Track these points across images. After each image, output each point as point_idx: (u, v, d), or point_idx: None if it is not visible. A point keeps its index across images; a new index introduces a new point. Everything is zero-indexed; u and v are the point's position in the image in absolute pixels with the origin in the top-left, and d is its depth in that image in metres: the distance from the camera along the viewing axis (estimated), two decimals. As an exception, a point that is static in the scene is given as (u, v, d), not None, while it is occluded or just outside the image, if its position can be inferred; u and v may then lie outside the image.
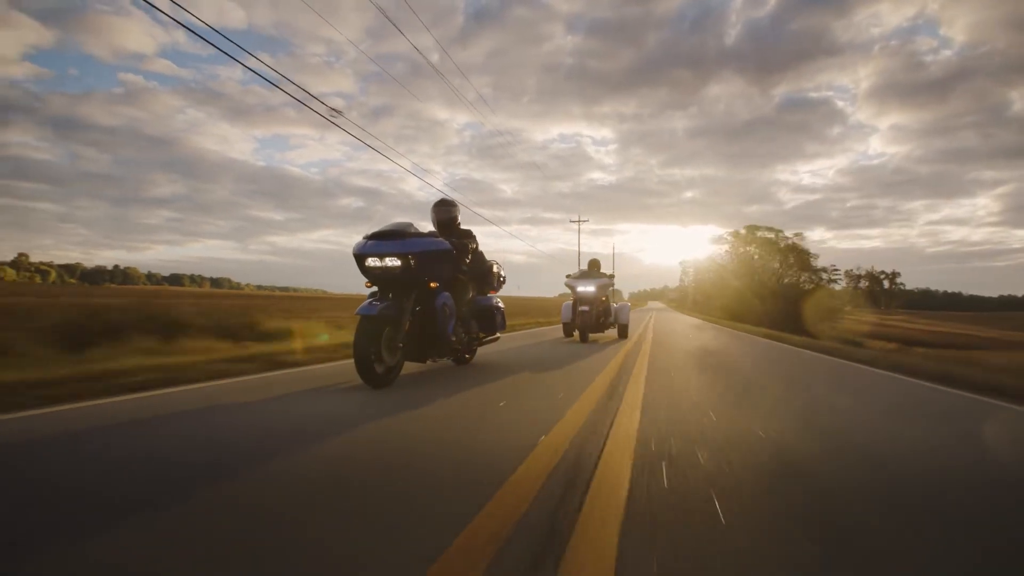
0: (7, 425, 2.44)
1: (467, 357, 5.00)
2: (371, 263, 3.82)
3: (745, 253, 37.37)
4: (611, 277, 9.04)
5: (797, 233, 36.84)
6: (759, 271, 35.90)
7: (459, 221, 4.84)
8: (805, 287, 34.72)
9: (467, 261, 4.72)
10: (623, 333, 9.25)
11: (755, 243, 37.33)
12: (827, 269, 34.88)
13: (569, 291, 8.78)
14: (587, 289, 8.42)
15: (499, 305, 5.31)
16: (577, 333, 8.44)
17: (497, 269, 5.33)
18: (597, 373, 4.53)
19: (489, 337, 5.23)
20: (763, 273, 35.78)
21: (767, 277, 35.53)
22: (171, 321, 6.22)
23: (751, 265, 36.52)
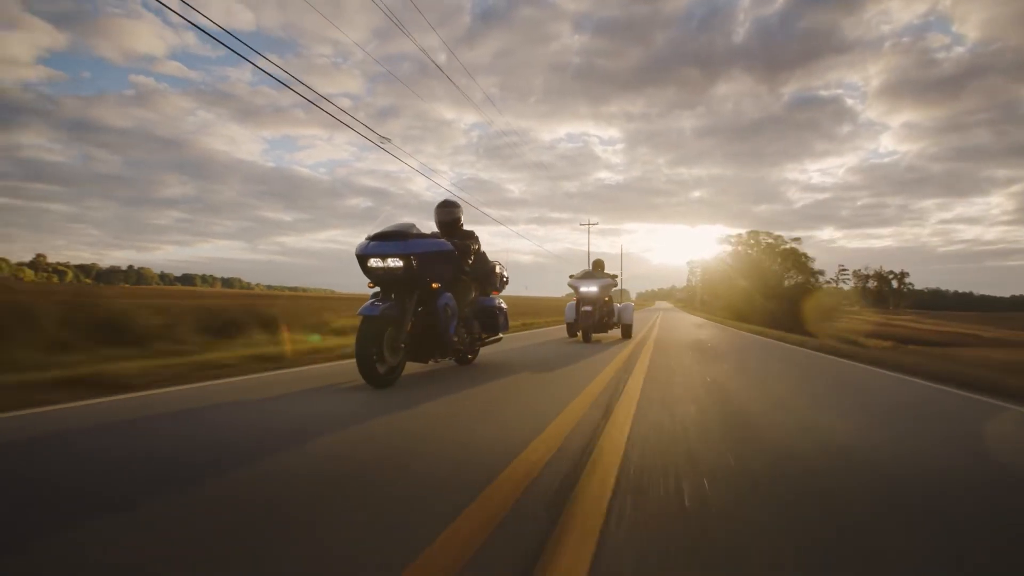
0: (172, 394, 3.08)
1: (469, 357, 4.95)
2: (373, 264, 3.78)
3: (748, 256, 38.15)
4: (614, 277, 8.98)
5: (795, 238, 38.75)
6: (764, 273, 36.34)
7: (462, 222, 4.79)
8: (808, 288, 35.48)
9: (469, 262, 4.68)
10: (627, 333, 9.19)
11: (757, 247, 38.56)
12: (823, 272, 36.82)
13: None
14: (590, 289, 8.35)
15: (501, 306, 5.26)
16: (580, 333, 8.38)
17: (500, 270, 5.28)
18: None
19: (492, 337, 5.18)
20: (766, 275, 36.22)
21: (769, 278, 35.98)
22: (270, 318, 7.18)
23: (755, 267, 37.01)
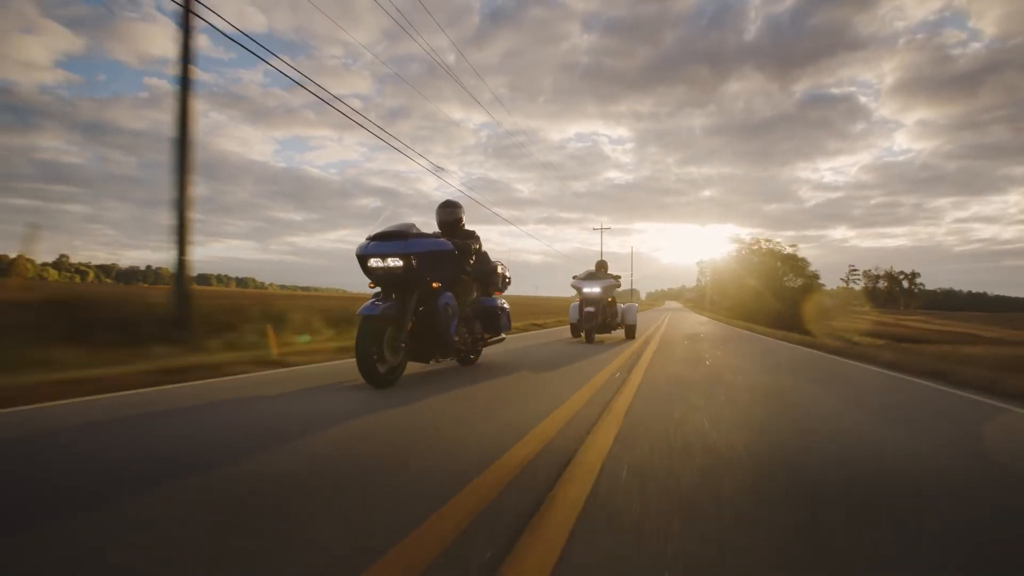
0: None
1: (472, 358, 4.86)
2: (374, 264, 3.71)
3: (751, 260, 39.32)
4: (617, 278, 8.87)
5: (793, 245, 41.76)
6: (767, 276, 37.04)
7: (463, 222, 4.70)
8: (809, 289, 36.41)
9: (471, 262, 4.58)
10: (630, 334, 9.07)
11: (759, 252, 40.07)
12: (817, 275, 39.47)
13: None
14: (593, 290, 8.24)
15: (504, 306, 5.16)
16: (584, 334, 8.27)
17: (502, 270, 5.18)
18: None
19: (494, 338, 5.08)
20: (769, 278, 36.91)
21: (771, 281, 36.72)
22: (340, 316, 7.69)
23: (758, 270, 37.83)
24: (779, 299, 33.52)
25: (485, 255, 4.99)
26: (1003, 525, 1.54)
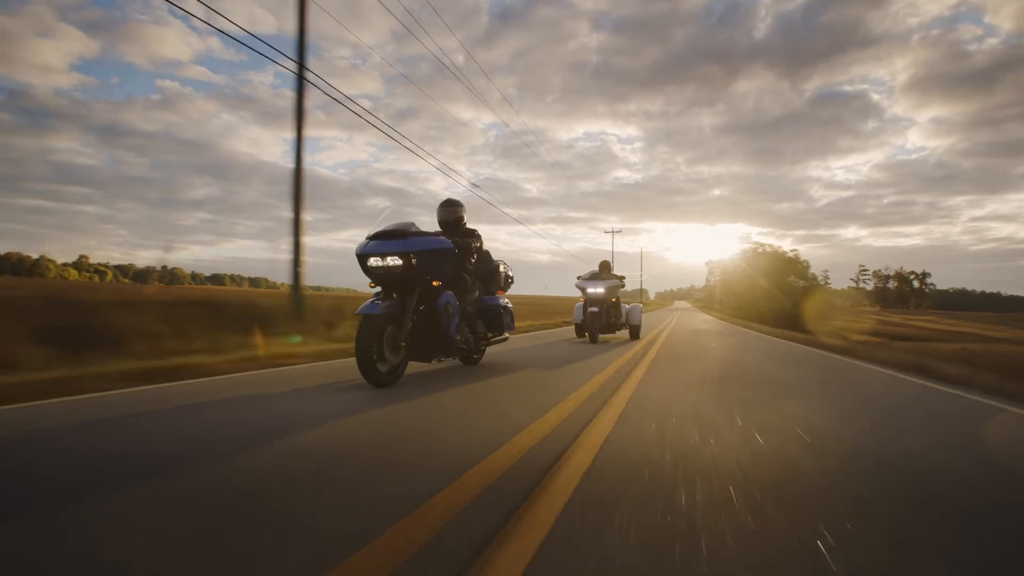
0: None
1: (475, 357, 4.76)
2: (373, 263, 3.63)
3: (755, 263, 39.76)
4: (621, 279, 8.75)
5: (793, 249, 43.37)
6: (770, 277, 37.16)
7: (464, 221, 4.61)
8: (812, 289, 36.44)
9: (472, 260, 4.49)
10: (635, 334, 8.94)
11: (762, 258, 40.54)
12: (816, 277, 41.04)
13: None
14: (596, 290, 8.12)
15: (507, 305, 5.05)
16: (588, 334, 8.16)
17: (504, 269, 5.07)
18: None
19: (497, 337, 4.98)
20: (772, 279, 37.08)
21: (774, 283, 36.89)
22: None
23: (763, 272, 38.01)
24: (787, 299, 33.65)
25: (487, 254, 4.89)
26: (889, 469, 1.95)
